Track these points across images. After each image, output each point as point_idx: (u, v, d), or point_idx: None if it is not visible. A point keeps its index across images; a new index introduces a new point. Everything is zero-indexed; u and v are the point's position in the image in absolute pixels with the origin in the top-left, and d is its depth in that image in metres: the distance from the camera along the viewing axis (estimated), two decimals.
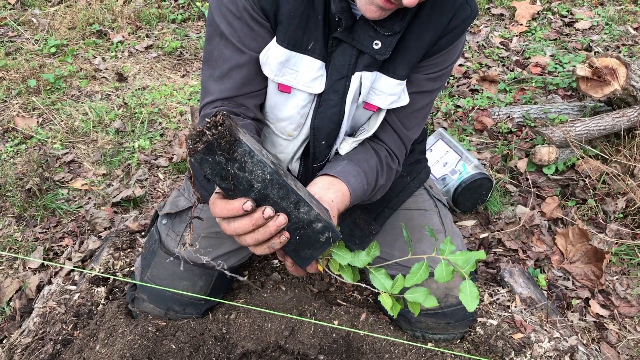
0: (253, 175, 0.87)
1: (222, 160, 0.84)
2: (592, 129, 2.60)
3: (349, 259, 1.06)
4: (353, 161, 1.44)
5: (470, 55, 3.64)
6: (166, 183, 2.59)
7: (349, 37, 1.27)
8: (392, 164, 1.53)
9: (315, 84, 1.35)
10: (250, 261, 2.00)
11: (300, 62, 1.32)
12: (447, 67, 1.44)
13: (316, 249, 1.01)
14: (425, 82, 1.43)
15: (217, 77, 1.35)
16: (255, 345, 1.64)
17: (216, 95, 1.36)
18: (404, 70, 1.36)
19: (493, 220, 2.42)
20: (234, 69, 1.33)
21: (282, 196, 0.92)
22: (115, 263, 1.99)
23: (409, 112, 1.48)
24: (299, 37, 1.29)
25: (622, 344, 1.91)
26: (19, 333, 1.79)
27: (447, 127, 2.94)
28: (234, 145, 0.83)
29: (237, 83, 1.34)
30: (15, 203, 2.41)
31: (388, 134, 1.51)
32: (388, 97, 1.39)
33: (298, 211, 0.94)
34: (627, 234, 2.31)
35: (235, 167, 0.86)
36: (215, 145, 0.82)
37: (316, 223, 0.97)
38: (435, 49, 1.36)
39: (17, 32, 3.78)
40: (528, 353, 1.69)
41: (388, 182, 1.55)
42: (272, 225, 0.94)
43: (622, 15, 3.97)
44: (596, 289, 2.09)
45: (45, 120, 3.00)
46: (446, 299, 1.65)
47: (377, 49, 1.27)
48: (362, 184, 1.40)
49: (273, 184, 0.89)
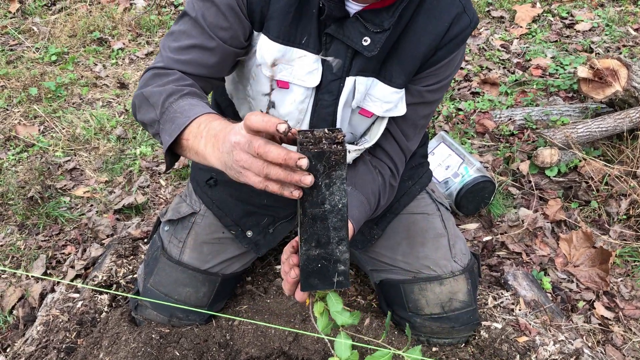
0: (331, 197, 0.91)
1: (320, 170, 0.88)
2: (594, 131, 2.59)
3: (338, 309, 1.08)
4: (357, 187, 1.45)
5: (471, 58, 3.64)
6: (168, 189, 2.59)
7: (339, 32, 1.27)
8: (394, 181, 1.55)
9: (310, 78, 1.34)
10: (253, 267, 2.00)
11: (295, 56, 1.32)
12: (447, 78, 1.44)
13: (324, 284, 1.04)
14: (425, 93, 1.43)
15: (174, 47, 1.31)
16: (259, 352, 1.64)
17: (167, 63, 1.30)
18: (400, 79, 1.36)
19: (496, 223, 2.41)
20: (196, 47, 1.29)
21: (336, 227, 0.95)
22: (118, 270, 1.99)
23: (410, 122, 1.49)
24: (293, 31, 1.29)
25: (627, 346, 1.90)
26: (23, 342, 1.79)
27: (448, 130, 2.93)
28: (337, 166, 0.88)
29: (195, 62, 1.30)
30: (17, 211, 2.41)
31: (390, 144, 1.52)
32: (384, 104, 1.40)
33: (337, 246, 0.98)
34: (630, 235, 2.30)
35: (325, 182, 0.89)
36: (325, 157, 0.87)
37: (341, 265, 1.00)
38: (433, 59, 1.36)
39: (18, 40, 3.79)
40: (533, 356, 1.68)
41: (389, 199, 1.58)
42: (297, 176, 0.86)
43: (623, 16, 3.97)
44: (601, 291, 2.08)
45: (47, 128, 3.00)
46: (450, 303, 1.64)
47: (365, 45, 1.27)
48: (366, 212, 1.43)
49: (338, 214, 0.93)
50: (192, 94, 1.20)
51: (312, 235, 0.97)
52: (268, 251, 1.78)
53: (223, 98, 1.63)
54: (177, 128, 1.09)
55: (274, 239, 1.73)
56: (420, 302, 1.65)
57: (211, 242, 1.70)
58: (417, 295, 1.65)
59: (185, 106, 1.13)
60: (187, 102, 1.15)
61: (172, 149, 1.13)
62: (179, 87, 1.20)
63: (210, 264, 1.69)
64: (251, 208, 1.69)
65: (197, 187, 1.75)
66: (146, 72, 1.31)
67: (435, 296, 1.64)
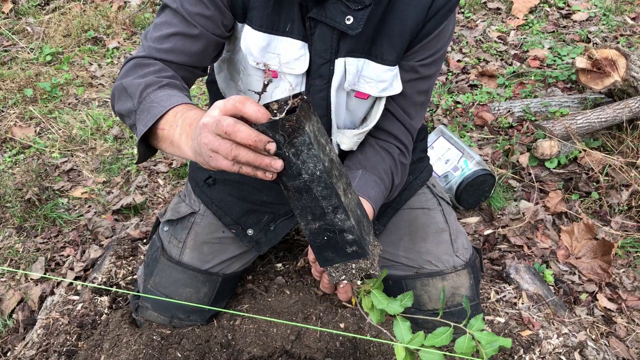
0: (304, 165, 0.89)
1: (281, 141, 0.87)
2: (593, 121, 2.58)
3: (385, 305, 1.09)
4: (367, 169, 1.43)
5: (468, 50, 3.62)
6: (166, 189, 2.58)
7: (321, 14, 1.26)
8: (405, 159, 1.53)
9: (298, 64, 1.34)
10: (253, 265, 1.99)
11: (280, 44, 1.32)
12: (439, 51, 1.41)
13: (340, 256, 1.03)
14: (420, 68, 1.42)
15: (155, 37, 1.30)
16: (262, 351, 1.63)
17: (148, 52, 1.29)
18: (391, 56, 1.35)
19: (497, 217, 2.40)
20: (177, 34, 1.28)
21: (324, 195, 0.93)
22: (118, 271, 1.97)
23: (410, 100, 1.47)
24: (275, 19, 1.29)
25: (631, 337, 1.89)
26: (23, 345, 1.78)
27: (447, 123, 2.92)
28: (296, 132, 0.85)
29: (174, 48, 1.29)
30: (15, 214, 2.40)
31: (394, 124, 1.50)
32: (378, 84, 1.38)
33: (334, 215, 0.96)
34: (632, 226, 2.29)
35: (291, 151, 0.88)
36: (279, 127, 0.85)
37: (348, 234, 0.98)
38: (423, 33, 1.35)
39: (12, 41, 3.76)
40: (537, 350, 1.67)
41: (403, 178, 1.56)
42: (267, 160, 0.86)
43: (619, 5, 3.95)
44: (603, 283, 2.07)
45: (43, 129, 2.98)
46: (453, 298, 1.63)
47: (349, 24, 1.25)
48: (382, 191, 1.41)
49: (320, 182, 0.91)
50: (171, 85, 1.19)
51: (304, 209, 0.95)
52: (269, 249, 1.76)
53: (217, 97, 1.62)
54: (152, 117, 1.08)
55: (276, 237, 1.72)
56: (422, 298, 1.64)
57: (211, 242, 1.68)
58: (420, 291, 1.64)
59: (163, 96, 1.12)
60: (165, 92, 1.14)
61: (148, 141, 1.12)
62: (158, 78, 1.20)
63: (211, 264, 1.68)
64: (251, 206, 1.68)
65: (195, 187, 1.74)
66: (127, 63, 1.30)
67: (437, 291, 1.63)
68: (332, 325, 1.69)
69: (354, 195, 1.03)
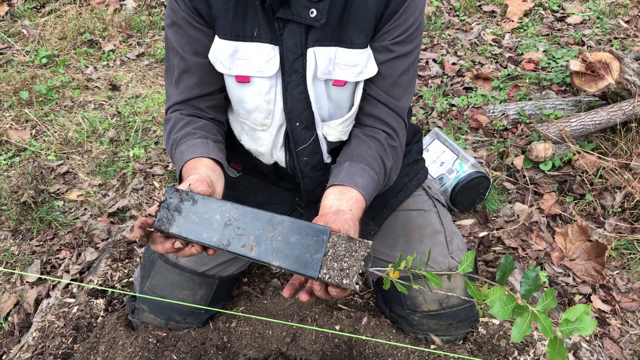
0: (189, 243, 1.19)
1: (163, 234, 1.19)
2: (587, 124, 2.60)
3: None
4: (353, 159, 1.43)
5: (463, 53, 3.64)
6: (162, 191, 2.58)
7: (288, 13, 1.30)
8: (394, 142, 1.50)
9: (268, 67, 1.38)
10: (249, 268, 1.99)
11: (249, 50, 1.36)
12: (411, 27, 1.40)
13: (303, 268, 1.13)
14: (394, 47, 1.41)
15: (172, 82, 1.49)
16: (257, 353, 1.63)
17: (173, 99, 1.49)
18: (359, 38, 1.37)
19: (492, 219, 2.41)
20: (182, 74, 1.45)
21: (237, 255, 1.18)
22: (114, 274, 1.98)
23: (390, 81, 1.46)
24: (240, 27, 1.34)
25: (624, 339, 1.90)
26: (18, 348, 1.77)
27: (442, 126, 2.93)
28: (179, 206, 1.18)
29: (187, 87, 1.46)
30: (10, 216, 2.40)
31: (377, 107, 1.48)
32: (352, 68, 1.39)
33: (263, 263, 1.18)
34: (626, 228, 2.31)
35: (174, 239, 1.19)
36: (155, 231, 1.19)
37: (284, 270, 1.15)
38: (389, 12, 1.35)
39: (8, 43, 3.76)
40: (531, 352, 1.68)
41: (397, 161, 1.53)
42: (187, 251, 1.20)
43: (613, 8, 3.97)
44: (597, 284, 2.08)
45: (39, 131, 2.98)
46: (448, 299, 1.64)
47: (313, 17, 1.30)
48: (372, 178, 1.40)
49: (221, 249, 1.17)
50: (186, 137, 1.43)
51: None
52: None
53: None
54: (178, 170, 1.42)
55: None
56: (417, 299, 1.65)
57: None
58: (415, 293, 1.65)
59: (177, 155, 1.42)
60: (180, 149, 1.41)
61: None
62: (178, 135, 1.43)
63: (208, 266, 1.68)
64: None
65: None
66: (165, 117, 1.53)
67: (432, 293, 1.63)
68: (327, 328, 1.69)
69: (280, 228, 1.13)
